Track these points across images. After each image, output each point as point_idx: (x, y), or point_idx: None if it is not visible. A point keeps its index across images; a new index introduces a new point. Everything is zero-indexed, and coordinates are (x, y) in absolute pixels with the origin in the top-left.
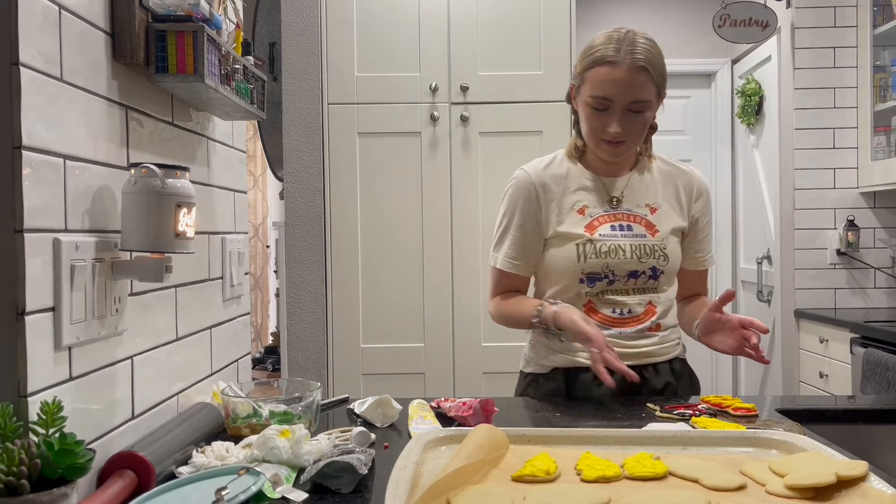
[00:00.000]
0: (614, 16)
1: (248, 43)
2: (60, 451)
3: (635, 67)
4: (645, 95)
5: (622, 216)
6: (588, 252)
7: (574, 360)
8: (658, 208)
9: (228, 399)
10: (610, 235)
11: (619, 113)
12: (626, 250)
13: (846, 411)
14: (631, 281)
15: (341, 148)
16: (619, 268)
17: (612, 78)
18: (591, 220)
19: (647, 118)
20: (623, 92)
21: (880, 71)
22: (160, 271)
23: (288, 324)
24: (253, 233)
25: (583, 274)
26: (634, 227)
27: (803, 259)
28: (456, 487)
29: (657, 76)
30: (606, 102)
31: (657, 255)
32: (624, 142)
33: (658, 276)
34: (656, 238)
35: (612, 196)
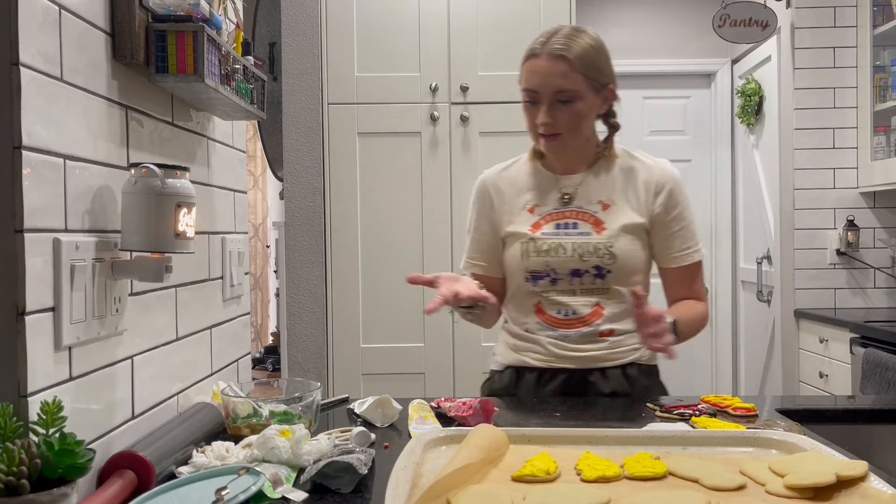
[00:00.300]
0: (614, 16)
1: (248, 43)
2: (60, 451)
3: (554, 57)
4: (567, 85)
5: (570, 214)
6: (530, 250)
7: (521, 358)
8: (611, 205)
9: (228, 399)
10: (552, 234)
11: (546, 104)
12: (566, 248)
13: (846, 411)
14: (576, 280)
15: (341, 148)
16: (561, 266)
17: (535, 69)
18: (539, 218)
19: (580, 109)
20: (544, 82)
21: (880, 71)
22: (160, 271)
23: (288, 324)
24: (253, 233)
25: (527, 272)
26: (580, 225)
27: (803, 259)
28: (456, 487)
29: (582, 65)
30: (534, 94)
31: (601, 253)
32: (559, 134)
33: (604, 275)
34: (602, 236)
35: (563, 193)
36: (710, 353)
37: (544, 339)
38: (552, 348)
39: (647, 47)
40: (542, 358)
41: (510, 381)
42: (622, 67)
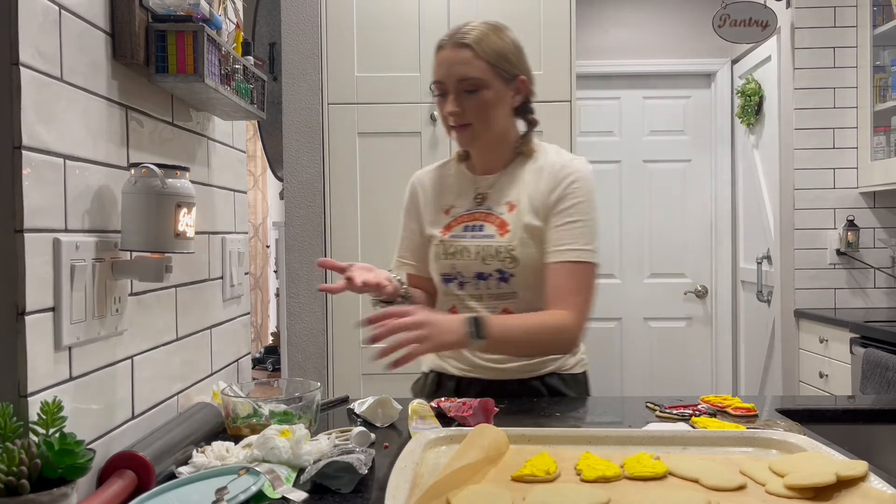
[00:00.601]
0: (614, 16)
1: (248, 43)
2: (60, 451)
3: (456, 45)
4: (471, 72)
5: (479, 215)
6: (439, 253)
7: (442, 365)
8: (517, 205)
9: (228, 399)
10: (459, 236)
11: (453, 94)
12: (470, 251)
13: (846, 411)
14: (482, 284)
15: (341, 148)
16: (466, 269)
17: (440, 60)
18: (451, 220)
19: (487, 98)
20: (448, 71)
21: (880, 71)
22: (160, 271)
23: (288, 324)
24: (253, 233)
25: (439, 274)
26: (486, 228)
27: (803, 259)
28: (456, 487)
29: (486, 53)
30: (441, 86)
31: (502, 256)
32: (469, 125)
33: (508, 279)
34: (504, 239)
35: (477, 194)
36: (710, 353)
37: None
38: (470, 357)
39: (647, 47)
40: (461, 367)
41: (433, 386)
42: (622, 67)
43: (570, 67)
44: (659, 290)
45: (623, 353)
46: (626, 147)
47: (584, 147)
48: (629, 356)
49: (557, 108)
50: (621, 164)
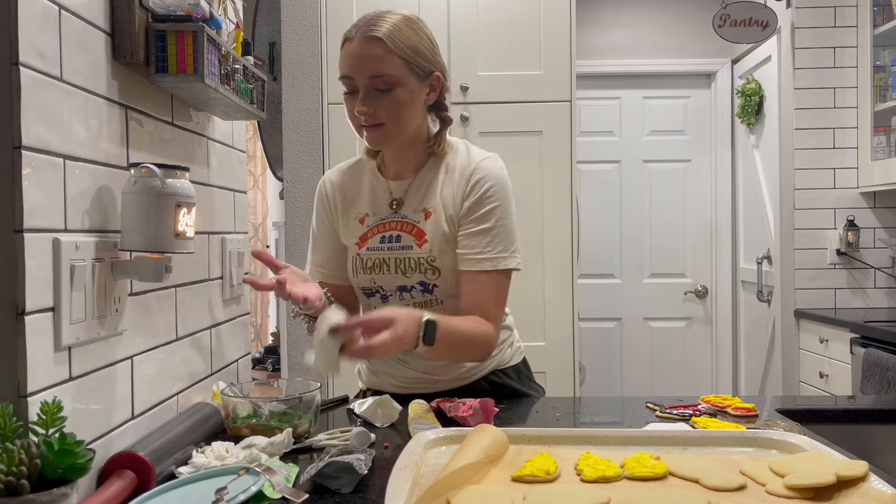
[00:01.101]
0: (614, 16)
1: (248, 43)
2: (60, 451)
3: (367, 38)
4: (384, 69)
5: (395, 225)
6: (357, 267)
7: (380, 383)
8: (432, 212)
9: (228, 399)
10: (377, 249)
11: (363, 91)
12: (390, 265)
13: (846, 411)
14: (406, 295)
15: (341, 148)
16: (387, 283)
17: (348, 53)
18: (366, 230)
19: (401, 97)
20: (359, 66)
21: (880, 71)
22: (160, 271)
23: (288, 324)
24: (253, 233)
25: (359, 288)
26: (403, 238)
27: (803, 259)
28: (456, 487)
29: (399, 49)
30: (350, 82)
31: (423, 268)
32: (381, 125)
33: (432, 290)
34: (423, 250)
35: (392, 200)
36: (710, 353)
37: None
38: (407, 370)
39: (647, 47)
40: (398, 384)
41: None
42: (622, 67)
43: (570, 67)
44: (659, 290)
45: (623, 353)
46: (626, 147)
47: (584, 147)
48: (629, 356)
49: (557, 108)
50: (621, 164)
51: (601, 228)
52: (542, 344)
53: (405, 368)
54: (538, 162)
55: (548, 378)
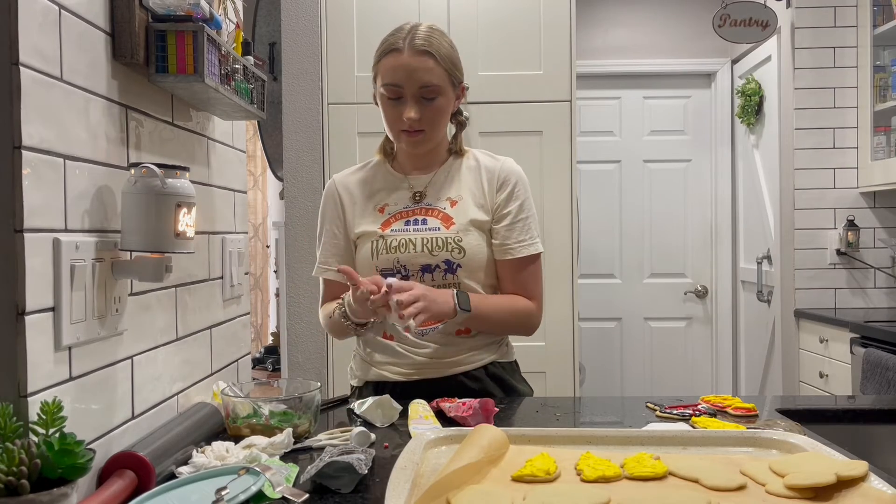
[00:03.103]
0: (614, 16)
1: (248, 43)
2: (60, 451)
3: (417, 51)
4: (433, 80)
5: (420, 211)
6: (379, 248)
7: (381, 373)
8: (459, 201)
9: (228, 399)
10: (401, 230)
11: (412, 100)
12: (416, 244)
13: (846, 411)
14: (427, 276)
15: (341, 148)
16: (411, 262)
17: (398, 64)
18: (389, 217)
19: (442, 105)
20: (410, 77)
21: (880, 71)
22: (160, 271)
23: (288, 324)
24: (253, 233)
25: (378, 271)
26: (429, 221)
27: (803, 259)
28: (456, 487)
29: (443, 61)
30: (397, 90)
31: (450, 247)
32: (422, 131)
33: (455, 269)
34: (451, 230)
35: (415, 192)
36: (710, 353)
37: (401, 348)
38: (410, 356)
39: (647, 47)
40: (402, 371)
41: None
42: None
43: (570, 67)
44: (659, 290)
45: (623, 353)
46: (626, 147)
47: (584, 147)
48: (629, 356)
49: (557, 108)
50: (621, 164)
51: (601, 228)
52: (542, 344)
53: (410, 355)
54: (538, 162)
55: (548, 378)
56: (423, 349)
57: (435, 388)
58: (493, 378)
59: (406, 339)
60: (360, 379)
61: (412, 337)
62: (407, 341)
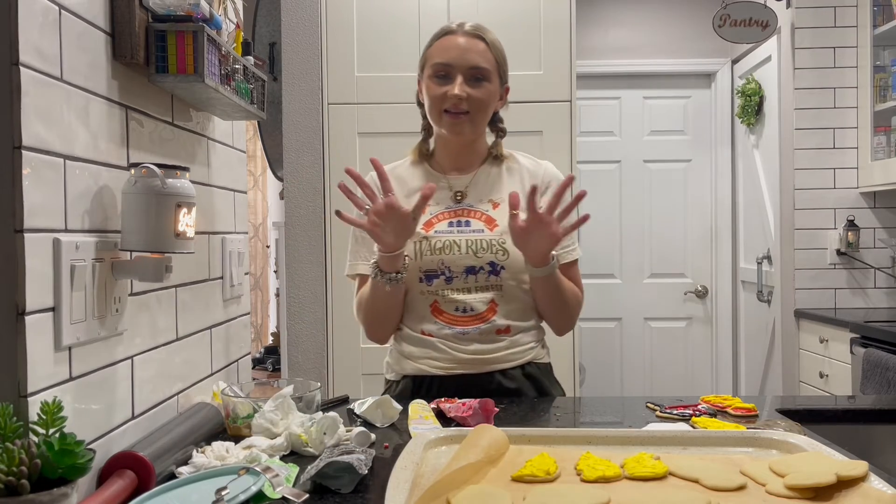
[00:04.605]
0: (614, 16)
1: (248, 43)
2: (60, 451)
3: (471, 34)
4: (483, 63)
5: (462, 212)
6: (423, 249)
7: (419, 367)
8: (501, 203)
9: (228, 399)
10: (445, 231)
11: (460, 79)
12: (460, 246)
13: (846, 411)
14: (471, 278)
15: (341, 148)
16: (455, 264)
17: (450, 44)
18: (430, 217)
19: (489, 91)
20: (461, 56)
21: (880, 71)
22: (160, 271)
23: (288, 324)
24: (253, 233)
25: (421, 272)
26: (472, 223)
27: (803, 259)
28: (456, 487)
29: (494, 48)
30: (447, 68)
31: (494, 249)
32: (467, 112)
33: (498, 271)
34: (494, 233)
35: (455, 192)
36: (710, 353)
37: (441, 343)
38: (451, 351)
39: (647, 47)
40: (441, 365)
41: (408, 392)
42: (622, 67)
43: (570, 67)
44: (659, 290)
45: (623, 353)
46: (626, 147)
47: (584, 147)
48: (629, 356)
49: (557, 108)
50: (621, 164)
51: (601, 228)
52: None
53: (452, 351)
54: None
55: None
56: (466, 345)
57: (472, 383)
58: (529, 378)
59: (447, 335)
60: (398, 373)
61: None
62: (449, 338)
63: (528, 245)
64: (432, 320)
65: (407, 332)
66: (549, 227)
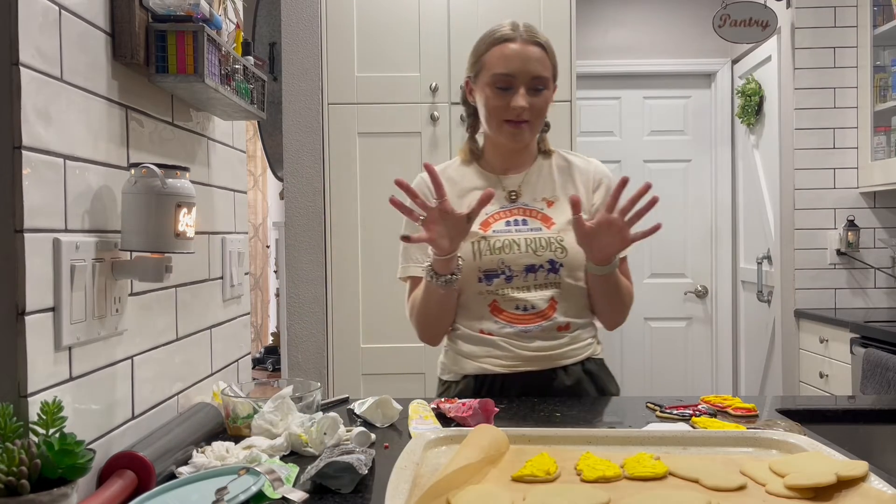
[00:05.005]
0: (614, 16)
1: (248, 43)
2: (60, 451)
3: (532, 42)
4: (544, 72)
5: (517, 211)
6: (483, 249)
7: (480, 366)
8: (555, 202)
9: (228, 399)
10: (504, 231)
11: (523, 89)
12: (520, 245)
13: (846, 411)
14: (530, 276)
15: (341, 148)
16: (515, 263)
17: (513, 53)
18: (486, 217)
19: (547, 98)
20: (523, 66)
21: (880, 71)
22: (160, 271)
23: (288, 324)
24: (253, 233)
25: (480, 272)
26: (530, 222)
27: (803, 259)
28: (456, 487)
29: (552, 57)
30: (509, 79)
31: (553, 247)
32: (527, 122)
33: (558, 269)
34: (552, 230)
35: (509, 192)
36: (710, 353)
37: (503, 342)
38: (514, 349)
39: (647, 47)
40: (505, 363)
41: (470, 391)
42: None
43: (571, 67)
44: (659, 290)
45: (623, 353)
46: (626, 147)
47: (585, 147)
48: (629, 356)
49: (557, 108)
50: (621, 164)
51: None
52: None
53: (514, 349)
54: None
55: None
56: (528, 343)
57: (534, 381)
58: (588, 373)
59: (509, 334)
60: (457, 373)
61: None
62: (511, 336)
63: (594, 246)
64: (492, 319)
65: (464, 332)
66: (620, 231)
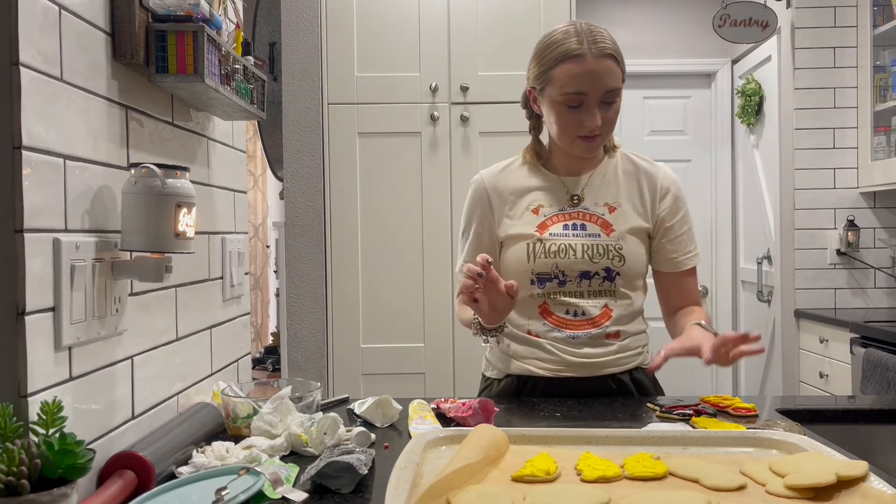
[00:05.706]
0: (614, 16)
1: (248, 43)
2: (60, 451)
3: (602, 55)
4: (616, 84)
5: (577, 215)
6: (537, 252)
7: (525, 367)
8: (617, 207)
9: (228, 399)
10: (561, 235)
11: (595, 106)
12: (576, 250)
13: (846, 411)
14: (584, 282)
15: (341, 148)
16: (570, 268)
17: (583, 70)
18: (545, 219)
19: (618, 107)
20: (595, 84)
21: (880, 71)
22: (160, 271)
23: (288, 324)
24: (253, 233)
25: (533, 274)
26: (588, 227)
27: (803, 259)
28: (456, 487)
29: (622, 64)
30: (580, 97)
31: (611, 255)
32: (600, 135)
33: (614, 277)
34: (611, 237)
35: (572, 195)
36: None
37: (550, 345)
38: (560, 354)
39: (647, 47)
40: (550, 367)
41: (512, 390)
42: None
43: None
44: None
45: None
46: (627, 147)
47: None
48: None
49: None
50: None
51: None
52: None
53: (561, 354)
54: None
55: None
56: (576, 349)
57: (580, 386)
58: (636, 383)
59: (556, 338)
60: (501, 371)
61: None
62: (558, 340)
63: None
64: (540, 321)
65: (512, 331)
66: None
